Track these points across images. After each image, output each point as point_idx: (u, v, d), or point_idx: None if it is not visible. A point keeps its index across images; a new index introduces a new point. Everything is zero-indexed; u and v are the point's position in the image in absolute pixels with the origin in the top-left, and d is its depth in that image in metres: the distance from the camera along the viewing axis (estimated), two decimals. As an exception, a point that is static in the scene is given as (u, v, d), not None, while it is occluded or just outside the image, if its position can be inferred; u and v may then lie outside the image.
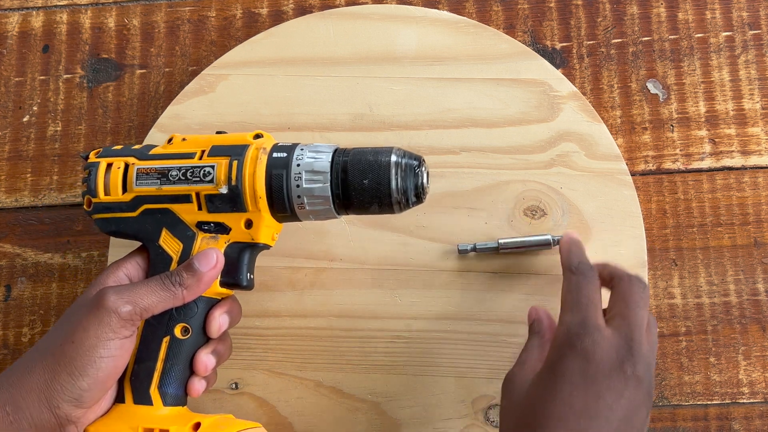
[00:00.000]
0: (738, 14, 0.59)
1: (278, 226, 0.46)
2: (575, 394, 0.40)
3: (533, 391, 0.42)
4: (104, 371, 0.41)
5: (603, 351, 0.41)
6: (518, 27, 0.59)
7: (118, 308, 0.41)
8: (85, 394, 0.41)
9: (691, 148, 0.57)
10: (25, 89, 0.60)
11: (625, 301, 0.44)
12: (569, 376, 0.41)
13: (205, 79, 0.57)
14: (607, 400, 0.40)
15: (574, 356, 0.41)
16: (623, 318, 0.43)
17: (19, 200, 0.58)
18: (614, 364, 0.41)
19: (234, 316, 0.47)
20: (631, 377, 0.41)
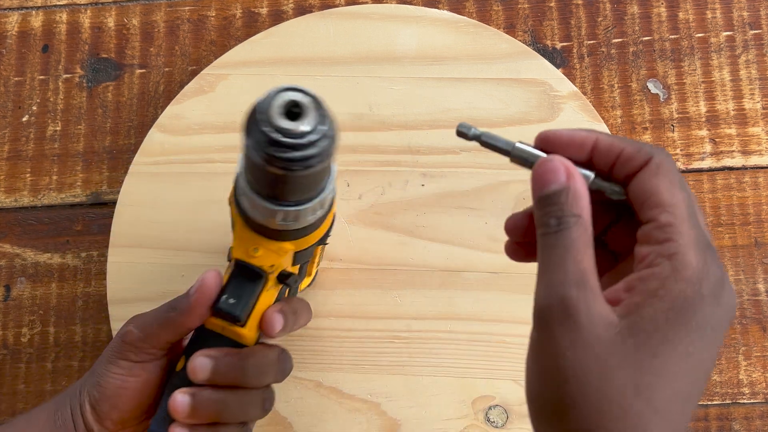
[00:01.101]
0: (738, 14, 0.59)
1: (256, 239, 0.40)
2: (706, 352, 0.29)
3: (642, 350, 0.29)
4: (111, 389, 0.40)
5: (729, 286, 0.30)
6: (518, 26, 0.59)
7: (125, 330, 0.41)
8: (98, 406, 0.41)
9: (691, 147, 0.57)
10: (25, 89, 0.60)
11: (681, 184, 0.31)
12: (705, 326, 0.29)
13: (205, 78, 0.57)
14: (717, 352, 0.31)
15: (710, 297, 0.29)
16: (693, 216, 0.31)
17: (19, 200, 0.58)
18: (732, 302, 0.31)
19: (289, 319, 0.41)
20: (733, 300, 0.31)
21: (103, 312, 0.55)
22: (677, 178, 0.31)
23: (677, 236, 0.29)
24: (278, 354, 0.42)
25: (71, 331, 0.55)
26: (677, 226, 0.30)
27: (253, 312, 0.40)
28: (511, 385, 0.52)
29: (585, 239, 0.31)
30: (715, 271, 0.29)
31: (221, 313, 0.40)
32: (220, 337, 0.41)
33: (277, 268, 0.41)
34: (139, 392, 0.41)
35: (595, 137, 0.33)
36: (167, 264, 0.54)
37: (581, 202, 0.31)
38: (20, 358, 0.55)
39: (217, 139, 0.56)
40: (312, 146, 0.34)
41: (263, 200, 0.37)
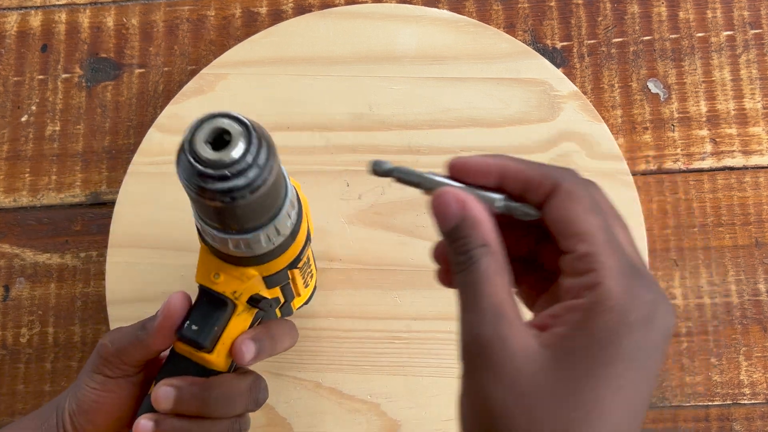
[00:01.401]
0: (739, 13, 0.59)
1: (217, 264, 0.39)
2: (639, 381, 0.27)
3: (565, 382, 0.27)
4: (87, 403, 0.40)
5: (663, 309, 0.28)
6: (518, 26, 0.59)
7: (100, 343, 0.40)
8: (75, 418, 0.40)
9: (692, 147, 0.57)
10: (24, 89, 0.59)
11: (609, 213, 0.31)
12: (634, 356, 0.27)
13: (204, 78, 0.57)
14: (656, 375, 0.29)
15: (638, 325, 0.27)
16: (624, 238, 0.30)
17: (18, 200, 0.58)
18: (670, 323, 0.29)
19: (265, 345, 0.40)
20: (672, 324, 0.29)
21: (102, 312, 0.55)
22: (590, 202, 0.29)
23: (597, 266, 0.28)
24: (250, 384, 0.41)
25: (70, 331, 0.55)
26: (596, 255, 0.28)
27: (222, 337, 0.39)
28: (511, 385, 0.52)
29: (495, 267, 0.29)
30: (644, 295, 0.28)
31: (185, 339, 0.39)
32: (190, 361, 0.40)
33: (242, 293, 0.39)
34: (115, 407, 0.40)
35: (502, 163, 0.31)
36: (166, 264, 0.54)
37: (483, 229, 0.30)
38: (19, 359, 0.55)
39: (216, 138, 0.56)
40: (239, 176, 0.32)
41: (211, 228, 0.36)
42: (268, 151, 0.33)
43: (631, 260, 0.29)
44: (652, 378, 0.28)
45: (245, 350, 0.39)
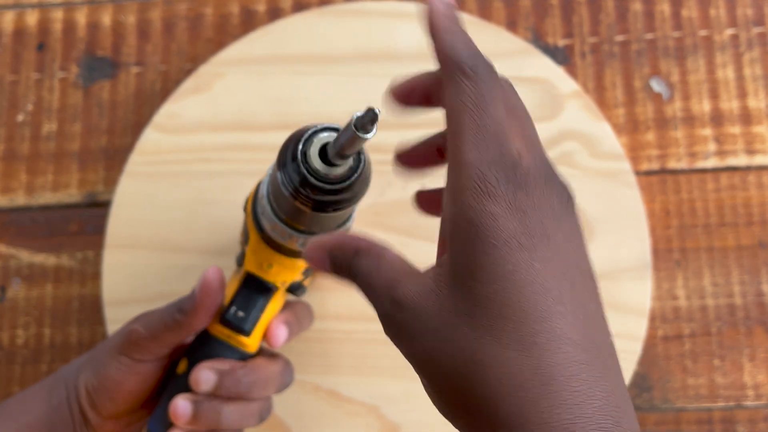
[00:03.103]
0: (743, 11, 0.59)
1: (271, 255, 0.40)
2: (539, 265, 0.26)
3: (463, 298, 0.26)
4: (110, 382, 0.40)
5: (534, 192, 0.28)
6: (520, 24, 0.59)
7: (131, 328, 0.40)
8: (95, 395, 0.41)
9: (695, 147, 0.56)
10: (20, 88, 0.59)
11: (513, 111, 0.31)
12: (513, 236, 0.26)
13: (202, 77, 0.57)
14: (570, 253, 0.28)
15: (504, 211, 0.27)
16: (523, 136, 0.30)
17: (14, 200, 0.57)
18: (553, 201, 0.28)
19: (294, 327, 0.42)
20: (568, 204, 0.29)
21: (98, 313, 0.55)
22: (472, 97, 0.29)
23: (456, 165, 0.28)
24: (281, 367, 0.42)
25: (67, 332, 0.55)
26: (458, 154, 0.28)
27: (259, 323, 0.41)
28: (513, 387, 0.51)
29: (374, 259, 0.30)
30: (511, 185, 0.27)
31: (230, 324, 0.40)
32: (224, 343, 0.41)
33: (288, 282, 0.41)
34: (137, 389, 0.41)
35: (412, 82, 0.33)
36: (163, 265, 0.54)
37: (344, 244, 0.31)
38: (15, 360, 0.54)
39: (214, 138, 0.56)
40: (344, 192, 0.34)
41: (285, 226, 0.37)
42: (369, 167, 0.36)
43: (503, 154, 0.28)
44: (553, 256, 0.27)
45: (279, 334, 0.41)
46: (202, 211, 0.54)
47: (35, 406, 0.42)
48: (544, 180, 0.28)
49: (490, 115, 0.29)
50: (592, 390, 0.25)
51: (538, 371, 0.25)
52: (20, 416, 0.42)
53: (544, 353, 0.25)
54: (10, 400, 0.43)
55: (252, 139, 0.56)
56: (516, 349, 0.25)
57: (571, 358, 0.25)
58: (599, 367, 0.25)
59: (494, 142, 0.28)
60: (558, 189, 0.29)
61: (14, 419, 0.41)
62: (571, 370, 0.25)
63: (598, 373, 0.25)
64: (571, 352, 0.25)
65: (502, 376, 0.25)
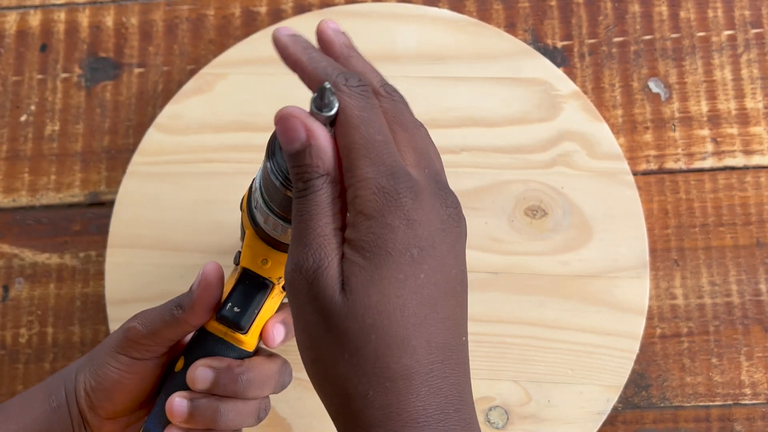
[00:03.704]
0: (740, 13, 0.59)
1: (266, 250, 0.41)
2: (422, 274, 0.30)
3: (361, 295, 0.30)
4: (108, 381, 0.40)
5: (428, 204, 0.31)
6: (519, 25, 0.59)
7: (128, 326, 0.40)
8: (94, 395, 0.41)
9: (693, 147, 0.57)
10: (23, 88, 0.59)
11: (401, 124, 0.33)
12: (406, 249, 0.30)
13: (204, 78, 0.57)
14: (452, 265, 0.31)
15: (400, 222, 0.30)
16: (413, 149, 0.32)
17: (17, 200, 0.57)
18: (443, 215, 0.31)
19: (291, 328, 0.41)
20: (457, 221, 0.32)
21: (101, 313, 0.55)
22: (355, 112, 0.31)
23: (354, 179, 0.30)
24: (279, 367, 0.42)
25: (69, 331, 0.55)
26: (354, 169, 0.30)
27: (256, 320, 0.40)
28: (512, 385, 0.52)
29: (330, 199, 0.31)
30: (406, 192, 0.30)
31: (226, 320, 0.40)
32: (221, 341, 0.40)
33: (284, 278, 0.40)
34: (135, 388, 0.41)
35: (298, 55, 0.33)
36: (166, 264, 0.54)
37: (326, 158, 0.31)
38: (18, 359, 0.55)
39: (215, 138, 0.56)
40: None
41: (278, 218, 0.37)
42: None
43: (395, 167, 0.31)
44: (438, 267, 0.31)
45: (276, 333, 0.41)
46: (204, 211, 0.55)
47: (35, 407, 0.42)
48: (434, 189, 0.31)
49: (376, 129, 0.31)
50: (442, 383, 0.31)
51: (405, 368, 0.30)
52: (20, 417, 0.41)
53: (414, 353, 0.30)
54: (11, 401, 0.43)
55: (254, 140, 0.56)
56: (393, 348, 0.30)
57: (432, 359, 0.30)
58: (451, 365, 0.31)
59: (386, 154, 0.30)
60: (446, 198, 0.32)
61: (14, 420, 0.41)
62: (430, 368, 0.30)
63: (449, 369, 0.31)
64: (434, 353, 0.31)
65: (379, 369, 0.30)
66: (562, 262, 0.53)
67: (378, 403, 0.30)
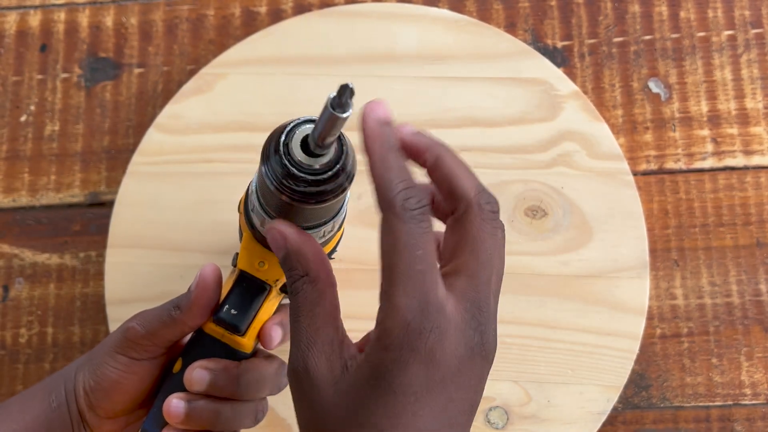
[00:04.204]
0: (740, 13, 0.59)
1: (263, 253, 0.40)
2: (421, 413, 0.29)
3: (353, 411, 0.30)
4: (107, 381, 0.40)
5: (451, 345, 0.29)
6: (519, 25, 0.59)
7: (127, 326, 0.40)
8: (93, 394, 0.41)
9: (693, 147, 0.57)
10: (23, 89, 0.59)
11: (474, 246, 0.31)
12: (412, 389, 0.29)
13: (204, 78, 0.57)
14: (457, 402, 0.30)
15: (416, 362, 0.29)
16: (470, 278, 0.30)
17: (17, 200, 0.57)
18: (464, 356, 0.30)
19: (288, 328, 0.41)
20: (482, 359, 0.30)
21: (101, 313, 0.55)
22: (403, 238, 0.29)
23: (386, 304, 0.29)
24: (276, 368, 0.42)
25: (69, 331, 0.55)
26: (388, 293, 0.29)
27: (254, 322, 0.40)
28: (512, 386, 0.52)
29: (313, 297, 0.32)
30: (425, 334, 0.29)
31: (223, 322, 0.40)
32: (219, 342, 0.40)
33: (281, 281, 0.41)
34: (134, 388, 0.41)
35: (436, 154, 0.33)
36: (166, 264, 0.54)
37: (303, 259, 0.32)
38: (18, 359, 0.55)
39: (215, 138, 0.56)
40: (328, 182, 0.34)
41: (273, 221, 0.37)
42: (353, 158, 0.35)
43: (427, 299, 0.29)
44: (445, 407, 0.30)
45: (274, 335, 0.41)
46: (204, 211, 0.55)
47: (34, 406, 0.42)
48: (467, 323, 0.30)
49: (420, 257, 0.29)
50: None
51: None
52: (19, 417, 0.41)
53: None
54: (11, 400, 0.43)
55: (253, 140, 0.56)
56: None
57: None
58: None
59: (421, 285, 0.29)
60: (476, 331, 0.30)
61: (14, 420, 0.41)
62: None
63: None
64: None
65: None
66: (562, 262, 0.53)
67: None
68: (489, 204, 0.32)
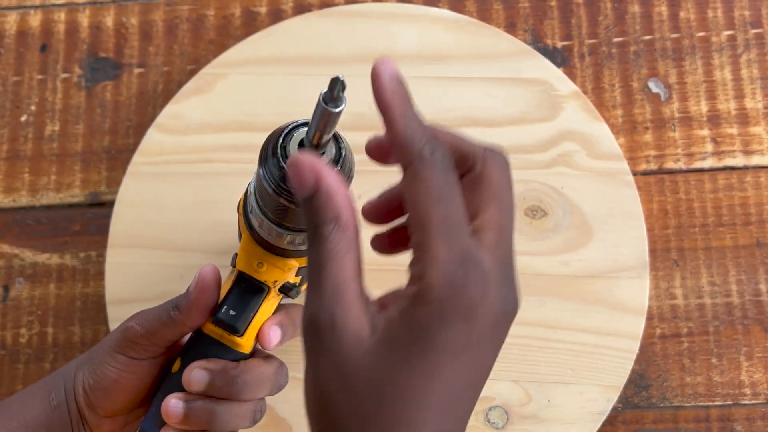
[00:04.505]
0: (740, 13, 0.59)
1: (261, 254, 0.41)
2: (457, 372, 0.28)
3: (387, 371, 0.28)
4: (106, 381, 0.40)
5: (490, 301, 0.28)
6: (519, 25, 0.59)
7: (126, 326, 0.40)
8: (92, 393, 0.41)
9: (692, 147, 0.57)
10: (23, 89, 0.59)
11: (497, 200, 0.30)
12: (452, 347, 0.28)
13: (204, 78, 0.57)
14: (484, 360, 0.29)
15: (459, 318, 0.28)
16: (499, 232, 0.30)
17: (17, 200, 0.57)
18: (499, 312, 0.29)
19: (288, 330, 0.42)
20: (511, 317, 0.30)
21: (101, 313, 0.55)
22: (435, 188, 0.28)
23: (426, 257, 0.28)
24: (275, 369, 0.41)
25: (70, 331, 0.55)
26: (427, 245, 0.28)
27: (252, 322, 0.41)
28: (512, 386, 0.52)
29: (343, 245, 0.29)
30: (469, 289, 0.28)
31: (221, 323, 0.40)
32: (217, 343, 0.41)
33: (279, 282, 0.41)
34: (133, 387, 0.41)
35: (390, 114, 0.30)
36: (166, 264, 0.54)
37: (335, 201, 0.29)
38: (18, 359, 0.55)
39: (216, 138, 0.56)
40: None
41: (272, 223, 0.37)
42: (350, 160, 0.35)
43: (467, 252, 0.28)
44: (476, 367, 0.29)
45: (272, 336, 0.41)
46: (204, 211, 0.55)
47: (34, 405, 0.42)
48: (501, 283, 0.29)
49: (455, 208, 0.28)
50: None
51: None
52: (19, 415, 0.42)
53: None
54: (11, 399, 0.43)
55: (253, 140, 0.56)
56: (400, 429, 0.28)
57: None
58: None
59: (461, 238, 0.28)
60: (508, 293, 0.29)
61: (14, 418, 0.42)
62: None
63: None
64: None
65: None
66: (562, 262, 0.53)
67: None
68: (501, 155, 0.31)
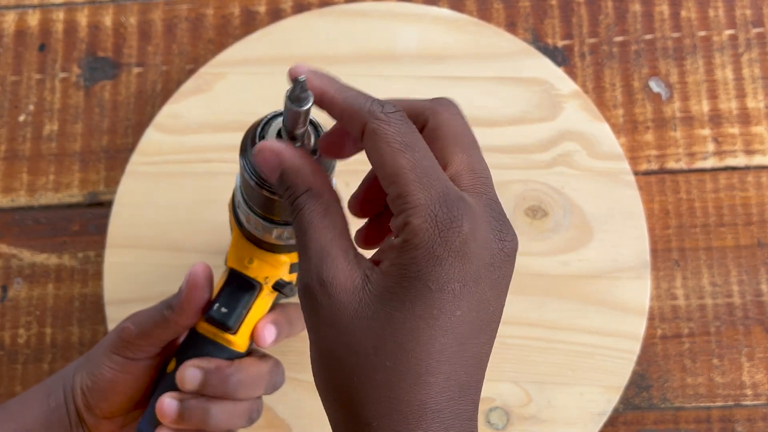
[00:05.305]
0: (741, 12, 0.59)
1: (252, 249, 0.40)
2: (459, 312, 0.28)
3: (385, 319, 0.28)
4: (103, 381, 0.40)
5: (481, 236, 0.29)
6: (519, 25, 0.59)
7: (122, 326, 0.41)
8: (89, 394, 0.41)
9: (694, 147, 0.57)
10: (21, 88, 0.59)
11: (461, 144, 0.31)
12: (449, 285, 0.28)
13: (203, 77, 0.57)
14: (491, 301, 0.29)
15: (450, 255, 0.28)
16: (473, 173, 0.30)
17: (15, 200, 0.57)
18: (495, 249, 0.29)
19: (283, 329, 0.42)
20: (509, 257, 0.30)
21: (100, 313, 0.55)
22: (398, 137, 0.29)
23: (406, 206, 0.28)
24: (270, 368, 0.41)
25: (68, 332, 0.55)
26: (405, 195, 0.28)
27: (246, 320, 0.40)
28: (512, 386, 0.51)
29: (320, 210, 0.30)
30: (456, 228, 0.28)
31: (213, 321, 0.40)
32: (212, 342, 0.40)
33: (271, 279, 0.40)
34: (130, 388, 0.41)
35: (321, 89, 0.31)
36: (165, 264, 0.54)
37: (302, 174, 0.31)
38: (17, 359, 0.55)
39: (214, 138, 0.56)
40: None
41: (258, 218, 0.37)
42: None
43: (447, 191, 0.28)
44: (479, 308, 0.29)
45: (267, 334, 0.41)
46: (202, 211, 0.55)
47: (34, 407, 0.42)
48: (489, 219, 0.29)
49: (422, 153, 0.29)
50: (454, 420, 0.28)
51: (417, 402, 0.28)
52: (20, 417, 0.42)
53: (429, 389, 0.28)
54: (10, 401, 0.43)
55: (253, 140, 0.56)
56: (407, 380, 0.28)
57: (448, 396, 0.28)
58: (466, 402, 0.29)
59: (436, 179, 0.29)
60: (501, 230, 0.30)
61: (13, 420, 0.42)
62: (444, 405, 0.28)
63: (464, 406, 0.29)
64: (451, 390, 0.28)
65: (389, 399, 0.28)
66: (563, 263, 0.53)
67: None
68: (449, 102, 0.31)
